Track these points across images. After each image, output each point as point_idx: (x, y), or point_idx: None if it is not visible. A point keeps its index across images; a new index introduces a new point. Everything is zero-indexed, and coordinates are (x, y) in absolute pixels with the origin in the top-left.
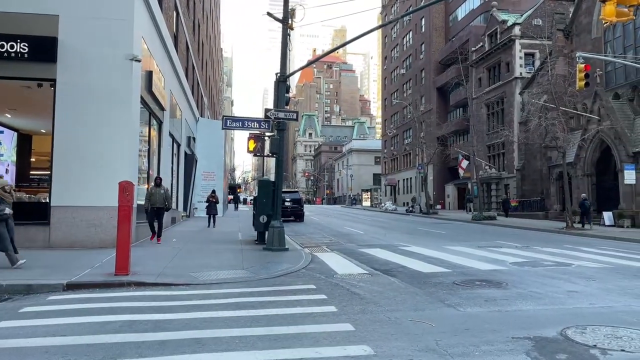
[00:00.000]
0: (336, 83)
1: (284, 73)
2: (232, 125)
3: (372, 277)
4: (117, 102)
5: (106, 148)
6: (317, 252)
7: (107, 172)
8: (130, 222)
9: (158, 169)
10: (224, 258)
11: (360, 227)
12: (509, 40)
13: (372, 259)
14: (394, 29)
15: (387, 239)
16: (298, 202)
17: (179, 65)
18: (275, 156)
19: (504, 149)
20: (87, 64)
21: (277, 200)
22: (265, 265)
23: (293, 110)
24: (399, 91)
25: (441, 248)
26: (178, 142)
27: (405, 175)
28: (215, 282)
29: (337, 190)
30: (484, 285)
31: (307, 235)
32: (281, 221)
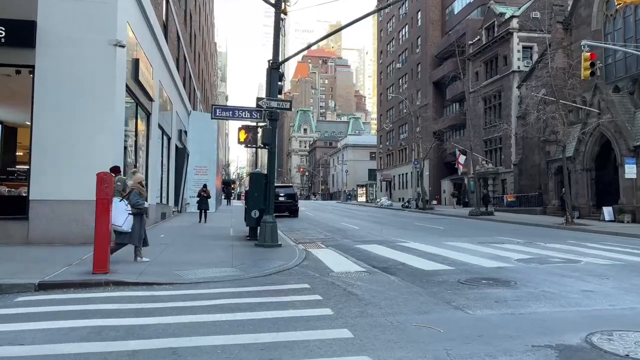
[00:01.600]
0: (331, 78)
1: (277, 60)
2: (222, 114)
3: (370, 275)
4: (100, 90)
5: (89, 138)
6: (311, 249)
7: (90, 164)
8: (109, 216)
9: (146, 162)
10: (213, 255)
11: (355, 223)
12: (507, 34)
13: (370, 255)
14: (390, 23)
15: (383, 235)
16: (292, 197)
17: (169, 56)
18: (268, 148)
19: (501, 144)
20: (68, 49)
21: (269, 194)
22: (257, 262)
23: (286, 99)
24: (395, 86)
25: (441, 244)
26: (168, 135)
27: (401, 171)
28: (201, 280)
29: (332, 185)
30: (492, 284)
31: (301, 230)
32: (274, 216)
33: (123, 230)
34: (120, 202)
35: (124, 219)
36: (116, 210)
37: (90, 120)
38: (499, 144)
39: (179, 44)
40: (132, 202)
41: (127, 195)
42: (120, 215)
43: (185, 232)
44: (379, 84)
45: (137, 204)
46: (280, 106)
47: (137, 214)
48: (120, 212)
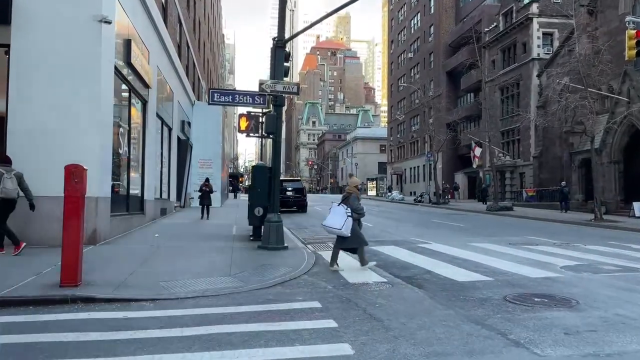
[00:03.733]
0: (340, 70)
1: (282, 37)
2: (220, 99)
3: (392, 288)
4: (84, 72)
5: (73, 126)
6: (322, 251)
7: (73, 156)
8: (81, 218)
9: (142, 154)
10: (209, 260)
11: (368, 219)
12: (526, 19)
13: (388, 260)
14: (401, 12)
15: (400, 233)
16: (300, 192)
17: (168, 40)
18: (272, 137)
19: (519, 135)
20: (47, 26)
21: (274, 189)
22: (259, 269)
23: (293, 82)
24: (406, 76)
25: (467, 245)
26: (169, 126)
27: (413, 164)
28: (190, 295)
29: (342, 179)
30: (549, 304)
31: (309, 228)
32: (279, 214)
33: (342, 233)
34: (339, 207)
35: (342, 221)
36: (334, 214)
37: (74, 106)
38: (517, 135)
39: (180, 29)
40: (352, 206)
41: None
42: (338, 217)
43: (184, 231)
44: (390, 75)
45: (358, 209)
46: (287, 89)
47: (356, 218)
48: (338, 214)
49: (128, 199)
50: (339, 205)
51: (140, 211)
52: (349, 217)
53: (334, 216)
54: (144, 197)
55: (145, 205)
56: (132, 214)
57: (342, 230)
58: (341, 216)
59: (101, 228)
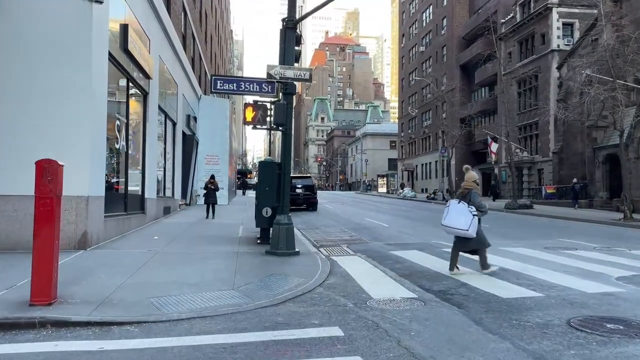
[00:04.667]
0: (349, 66)
1: (293, 17)
2: (223, 87)
3: (426, 307)
4: (72, 57)
5: (57, 117)
6: (337, 256)
7: (59, 150)
8: (55, 223)
9: (143, 149)
10: (210, 268)
11: (382, 218)
12: (545, 9)
13: (414, 268)
14: (413, 4)
15: (420, 235)
16: (311, 189)
17: (172, 30)
18: (282, 129)
19: (537, 130)
20: (31, 7)
21: (284, 188)
22: (267, 280)
23: (305, 68)
24: (418, 70)
25: (498, 250)
26: (173, 120)
27: (424, 160)
28: (184, 316)
29: (351, 175)
30: (627, 332)
31: (321, 228)
32: (289, 216)
33: (468, 234)
34: (459, 204)
35: (468, 221)
36: (456, 212)
37: (62, 95)
38: (535, 130)
39: (185, 19)
40: (475, 203)
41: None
42: (462, 217)
43: (186, 232)
44: (401, 69)
45: (481, 206)
46: (298, 76)
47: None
48: (462, 214)
49: (126, 197)
50: (459, 203)
51: (141, 210)
52: (474, 216)
53: (456, 216)
54: (144, 195)
55: (146, 204)
56: (130, 213)
57: (469, 231)
58: (465, 215)
59: (93, 230)
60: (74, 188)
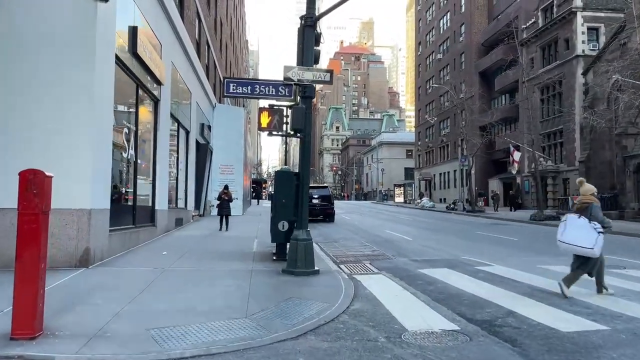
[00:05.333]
0: (364, 75)
1: (312, 14)
2: (236, 90)
3: (473, 344)
4: (73, 58)
5: (57, 122)
6: (359, 274)
7: (58, 159)
8: (41, 242)
9: (153, 158)
10: (221, 290)
11: (404, 230)
12: (569, 14)
13: (448, 290)
14: (429, 12)
15: (446, 249)
16: (327, 199)
17: (185, 36)
18: (300, 136)
19: (562, 138)
20: (29, 3)
21: (302, 200)
22: (284, 305)
23: (325, 69)
24: (435, 78)
25: (538, 269)
26: (186, 129)
27: (442, 169)
28: (189, 354)
29: (367, 185)
30: None
31: (340, 242)
32: (308, 231)
33: (593, 254)
34: (579, 219)
35: (593, 239)
36: (576, 229)
37: (62, 99)
38: (560, 138)
39: (200, 26)
40: (598, 218)
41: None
42: (585, 233)
43: (197, 246)
44: (417, 77)
45: (605, 222)
46: (318, 78)
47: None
48: (583, 229)
49: (135, 209)
50: (579, 218)
51: (151, 223)
52: (599, 233)
53: (577, 231)
54: (155, 206)
55: (156, 215)
56: (139, 226)
57: (594, 250)
58: (588, 231)
59: (96, 246)
60: (74, 200)
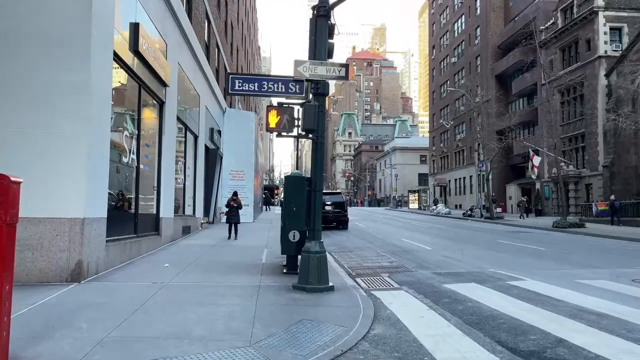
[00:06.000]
0: (376, 80)
1: (325, 2)
2: (242, 87)
3: None
4: (65, 56)
5: (46, 123)
6: (378, 290)
7: (53, 166)
8: (4, 259)
9: (158, 164)
10: (224, 311)
11: (421, 239)
12: (590, 14)
13: (481, 311)
14: (443, 15)
15: (470, 261)
16: (341, 206)
17: (193, 37)
18: (312, 137)
19: (583, 142)
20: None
21: (314, 207)
22: (294, 330)
23: (339, 63)
24: (450, 82)
25: (576, 284)
26: (194, 133)
27: (458, 175)
28: None
29: (380, 191)
30: None
31: (355, 251)
32: (321, 242)
33: None
34: None
35: None
36: None
37: (53, 100)
38: (581, 142)
39: (209, 28)
40: None
41: None
42: None
43: (203, 257)
44: (431, 82)
45: None
46: (332, 73)
47: None
48: None
49: (136, 217)
50: None
51: (154, 232)
52: None
53: None
54: (159, 214)
55: (160, 224)
56: (141, 236)
57: None
58: None
59: (91, 259)
60: (66, 209)
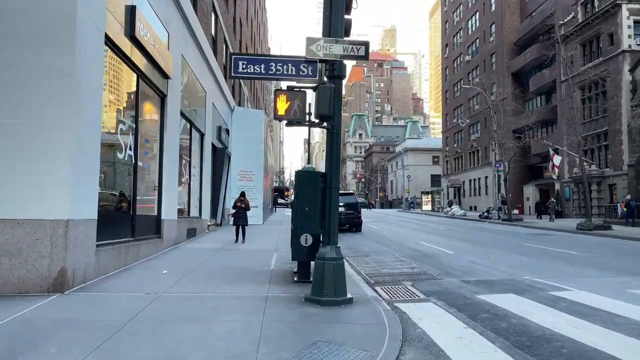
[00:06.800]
0: (387, 81)
1: None
2: (247, 70)
3: None
4: (48, 37)
5: (24, 112)
6: (402, 302)
7: (34, 161)
8: None
9: (160, 160)
10: (224, 330)
11: (441, 242)
12: (613, 7)
13: (529, 330)
14: (457, 13)
15: (500, 267)
16: (354, 208)
17: (198, 29)
18: (327, 126)
19: (606, 140)
20: None
21: (330, 208)
22: (307, 355)
23: (360, 41)
24: (464, 81)
25: (629, 294)
26: (200, 131)
27: (472, 176)
28: None
29: (391, 192)
30: None
31: (371, 256)
32: (338, 247)
33: None
34: None
35: None
36: None
37: (34, 87)
38: (604, 140)
39: (216, 21)
40: None
41: None
42: None
43: (207, 262)
44: (444, 81)
45: None
46: (350, 53)
47: None
48: None
49: (134, 219)
50: None
51: (156, 234)
52: None
53: None
54: (160, 215)
55: (162, 226)
56: (140, 239)
57: None
58: None
59: (77, 265)
60: (49, 209)
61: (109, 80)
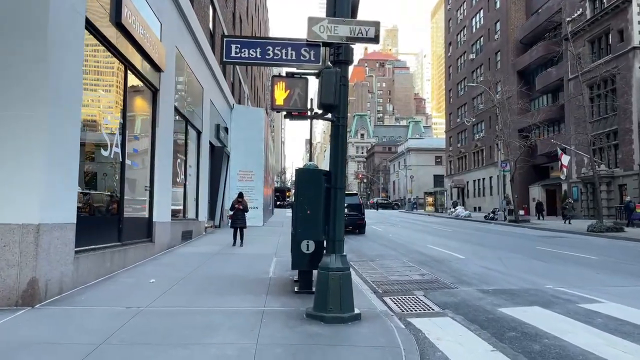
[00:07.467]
0: (389, 81)
1: None
2: (240, 54)
3: None
4: (23, 27)
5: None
6: (415, 317)
7: (1, 158)
8: None
9: (152, 159)
10: (211, 355)
11: (449, 245)
12: (623, 2)
13: (568, 354)
14: (460, 10)
15: (517, 274)
16: (358, 209)
17: (194, 21)
18: (332, 117)
19: (616, 139)
20: None
21: (335, 210)
22: None
23: (369, 21)
24: (467, 79)
25: None
26: (197, 129)
27: (476, 176)
28: None
29: (394, 193)
30: None
31: (376, 260)
32: (344, 257)
33: None
34: None
35: None
36: None
37: (7, 77)
38: (614, 139)
39: (214, 15)
40: None
41: None
42: None
43: (200, 269)
44: (448, 80)
45: None
46: (357, 34)
47: None
48: None
49: (121, 222)
50: None
51: (147, 238)
52: None
53: None
54: (152, 218)
55: (154, 229)
56: (127, 243)
57: None
58: None
59: (51, 275)
60: (18, 213)
61: (92, 70)
